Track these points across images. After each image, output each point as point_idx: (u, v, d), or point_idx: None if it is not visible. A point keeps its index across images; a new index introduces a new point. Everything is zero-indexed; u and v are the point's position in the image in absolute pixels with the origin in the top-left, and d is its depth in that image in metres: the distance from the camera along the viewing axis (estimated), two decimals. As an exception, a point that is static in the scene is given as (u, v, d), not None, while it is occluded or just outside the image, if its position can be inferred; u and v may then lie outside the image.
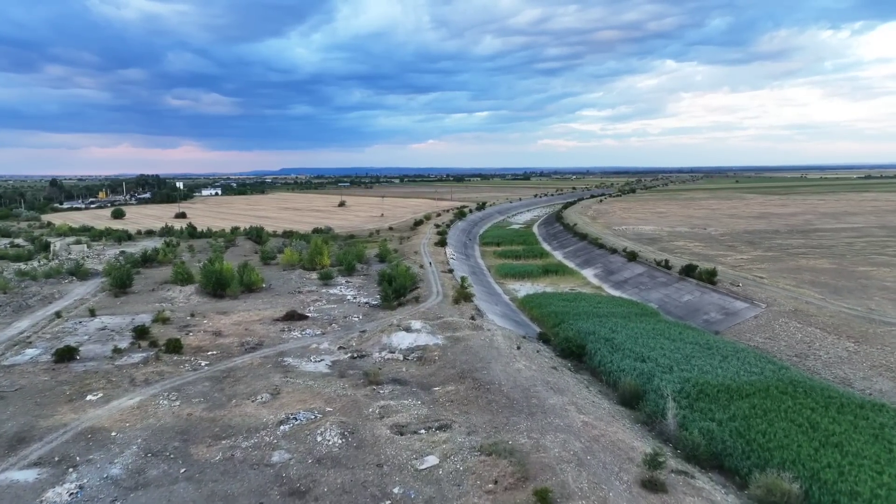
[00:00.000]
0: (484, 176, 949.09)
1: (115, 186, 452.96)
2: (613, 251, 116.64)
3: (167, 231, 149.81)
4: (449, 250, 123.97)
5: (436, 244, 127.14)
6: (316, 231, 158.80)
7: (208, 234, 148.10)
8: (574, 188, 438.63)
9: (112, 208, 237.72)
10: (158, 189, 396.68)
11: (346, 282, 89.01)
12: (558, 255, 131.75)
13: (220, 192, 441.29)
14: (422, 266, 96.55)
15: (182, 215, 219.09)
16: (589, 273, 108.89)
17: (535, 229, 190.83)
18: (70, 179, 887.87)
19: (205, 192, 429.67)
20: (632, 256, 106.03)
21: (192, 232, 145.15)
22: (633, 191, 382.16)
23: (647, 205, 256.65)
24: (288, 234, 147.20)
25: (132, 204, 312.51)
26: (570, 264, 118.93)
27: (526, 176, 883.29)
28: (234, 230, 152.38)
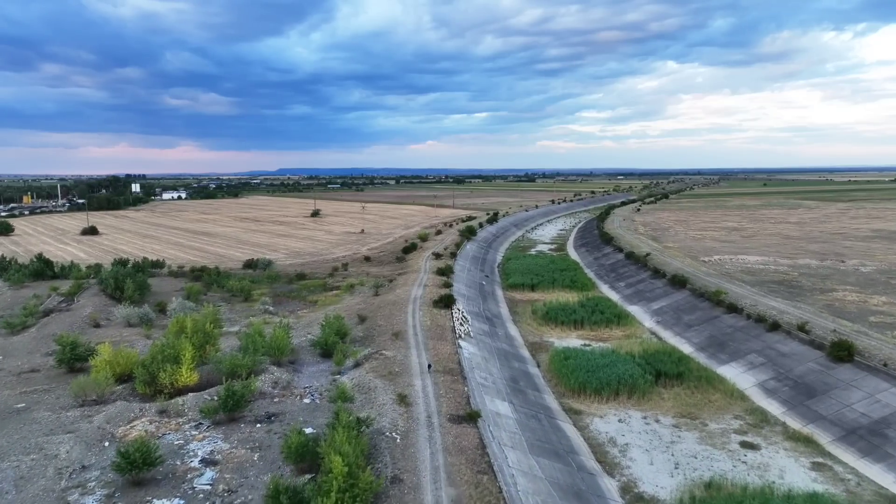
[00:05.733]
0: (484, 177, 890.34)
1: (71, 189, 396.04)
2: (771, 325, 61.52)
3: (2, 266, 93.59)
4: (458, 314, 69.00)
5: (435, 302, 71.88)
6: (248, 265, 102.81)
7: (68, 270, 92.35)
8: (593, 192, 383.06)
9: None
10: (108, 190, 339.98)
11: (209, 455, 33.70)
12: (646, 319, 76.68)
13: (183, 195, 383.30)
14: (404, 397, 41.10)
15: (92, 230, 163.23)
16: (744, 378, 53.92)
17: (574, 254, 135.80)
18: (51, 179, 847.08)
19: (165, 196, 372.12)
20: (842, 352, 50.87)
21: (37, 270, 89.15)
22: (667, 196, 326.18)
23: (699, 215, 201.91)
24: (196, 275, 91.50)
25: (59, 211, 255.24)
26: (687, 348, 63.85)
27: (530, 178, 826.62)
28: (120, 263, 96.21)
